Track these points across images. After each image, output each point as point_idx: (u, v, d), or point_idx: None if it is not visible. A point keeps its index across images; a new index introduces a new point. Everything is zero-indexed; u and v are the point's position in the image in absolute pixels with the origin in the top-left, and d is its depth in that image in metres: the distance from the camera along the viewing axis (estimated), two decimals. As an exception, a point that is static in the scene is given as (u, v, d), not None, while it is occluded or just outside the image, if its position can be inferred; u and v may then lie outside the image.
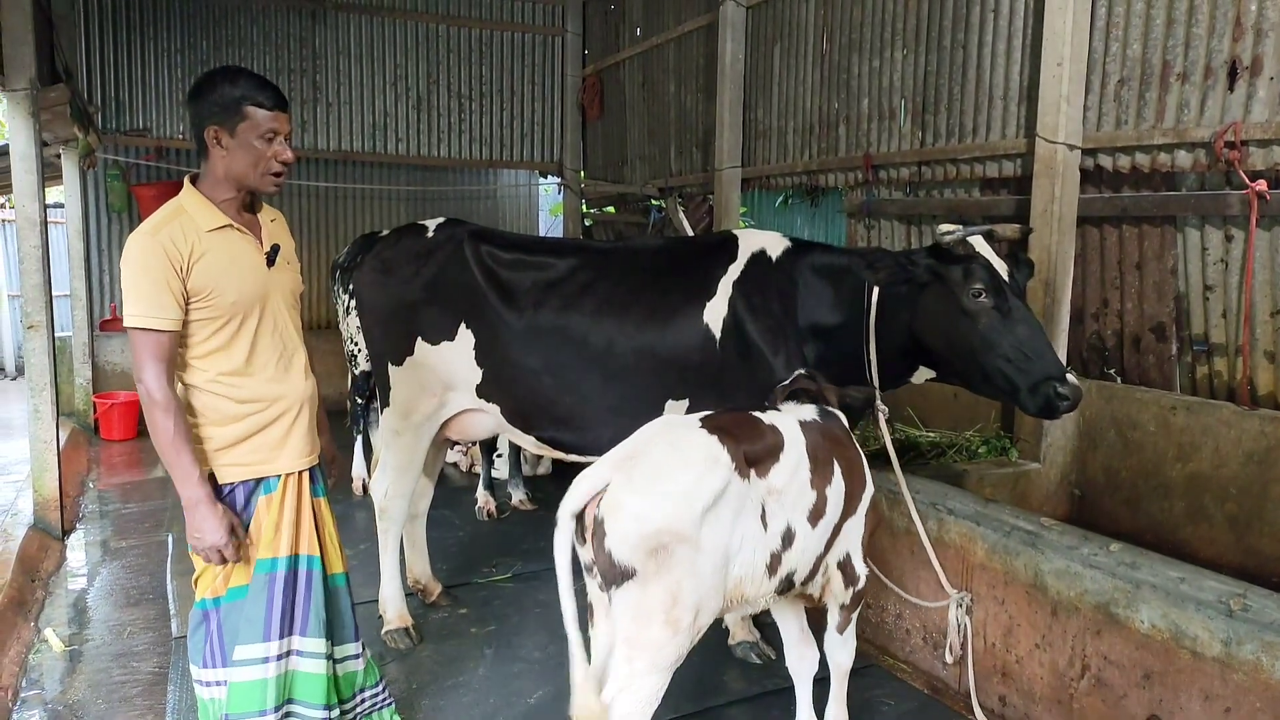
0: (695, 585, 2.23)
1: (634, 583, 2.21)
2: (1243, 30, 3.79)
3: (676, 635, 2.24)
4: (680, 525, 2.20)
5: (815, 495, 2.57)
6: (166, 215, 2.31)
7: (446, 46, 9.51)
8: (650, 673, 2.26)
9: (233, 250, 2.35)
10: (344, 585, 2.63)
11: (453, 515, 5.69)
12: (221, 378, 2.36)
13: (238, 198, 2.40)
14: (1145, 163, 4.20)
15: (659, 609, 2.21)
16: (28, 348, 5.16)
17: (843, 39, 6.05)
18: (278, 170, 2.37)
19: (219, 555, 2.30)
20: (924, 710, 3.43)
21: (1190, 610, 2.65)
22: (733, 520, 2.33)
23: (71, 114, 6.01)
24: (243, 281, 2.34)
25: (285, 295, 2.49)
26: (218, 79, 2.32)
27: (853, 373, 3.38)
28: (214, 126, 2.30)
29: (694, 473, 2.27)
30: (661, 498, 2.21)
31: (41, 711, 3.39)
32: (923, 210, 5.56)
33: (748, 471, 2.40)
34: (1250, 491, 3.91)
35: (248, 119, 2.29)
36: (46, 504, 5.24)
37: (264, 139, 2.32)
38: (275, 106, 2.34)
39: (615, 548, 2.20)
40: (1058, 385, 2.96)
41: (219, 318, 2.32)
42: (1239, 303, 4.00)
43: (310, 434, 2.53)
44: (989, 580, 3.34)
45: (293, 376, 2.47)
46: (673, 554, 2.19)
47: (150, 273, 2.22)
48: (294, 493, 2.45)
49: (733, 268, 3.51)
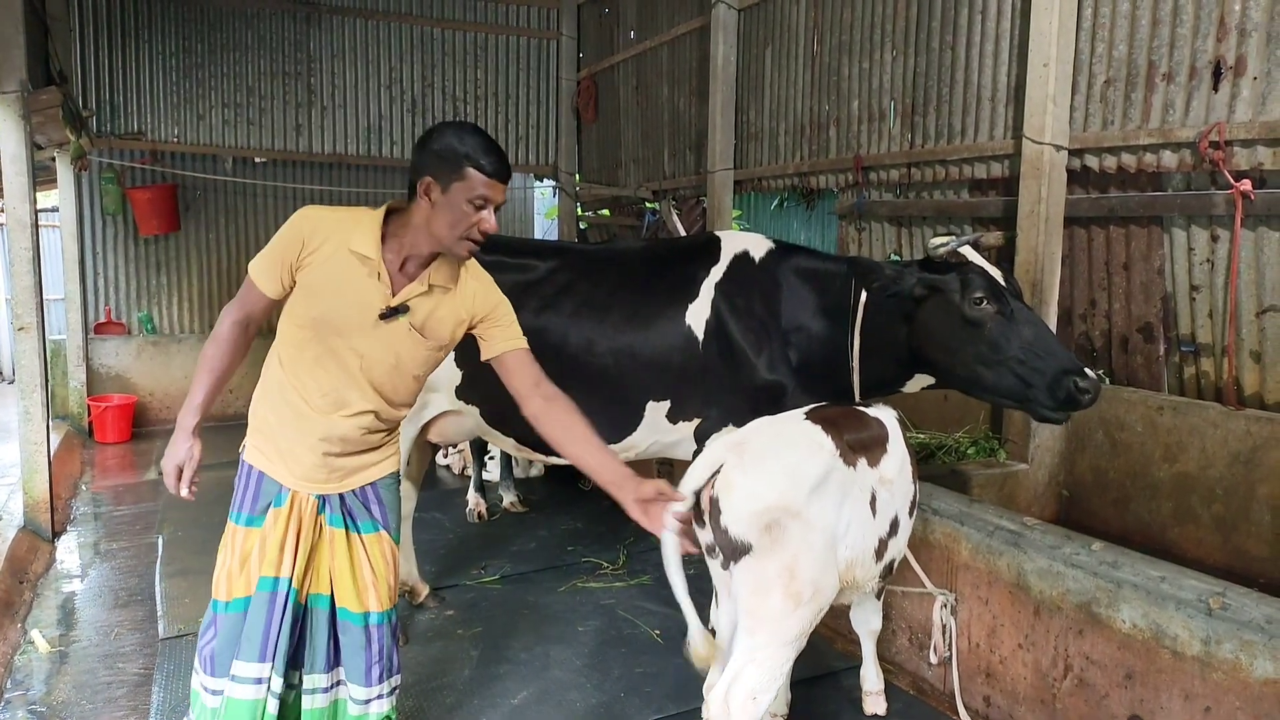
0: (810, 559, 2.39)
1: (751, 557, 2.37)
2: (1227, 30, 3.79)
3: (798, 608, 2.39)
4: (790, 501, 2.38)
5: (914, 489, 2.82)
6: (341, 212, 2.33)
7: (441, 50, 9.53)
8: (773, 645, 2.41)
9: (353, 281, 2.27)
10: (359, 624, 2.43)
11: (443, 517, 5.69)
12: (281, 369, 2.38)
13: (413, 247, 2.28)
14: (1131, 163, 4.20)
15: (777, 581, 2.38)
16: (18, 350, 5.16)
17: (833, 41, 6.06)
18: (476, 239, 2.26)
19: (166, 479, 2.35)
20: (909, 710, 3.43)
21: (1171, 609, 2.64)
22: (839, 503, 2.50)
23: (64, 117, 6.03)
24: (337, 311, 2.27)
25: (386, 354, 2.33)
26: (449, 132, 2.23)
27: (836, 377, 3.39)
28: (430, 178, 2.20)
29: (799, 455, 2.47)
30: (771, 476, 2.40)
31: (25, 712, 3.38)
32: (912, 212, 5.56)
33: (854, 459, 2.58)
34: (1237, 492, 3.91)
35: (465, 179, 2.19)
36: (37, 506, 5.23)
37: (474, 204, 2.21)
38: (495, 175, 2.21)
39: (732, 525, 2.38)
40: (1077, 379, 2.95)
41: (301, 319, 2.32)
42: (1225, 303, 4.00)
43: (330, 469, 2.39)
44: (973, 580, 3.34)
45: (334, 418, 2.34)
46: (786, 529, 2.36)
47: (281, 240, 2.28)
48: (298, 514, 2.38)
49: (715, 269, 3.51)
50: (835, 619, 4.04)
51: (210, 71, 8.66)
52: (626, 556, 4.96)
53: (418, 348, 2.38)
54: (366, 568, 2.45)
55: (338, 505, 2.42)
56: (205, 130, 8.73)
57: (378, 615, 2.46)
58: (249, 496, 2.40)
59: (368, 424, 2.40)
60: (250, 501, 2.40)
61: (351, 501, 2.44)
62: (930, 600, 3.43)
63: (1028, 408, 3.14)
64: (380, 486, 2.50)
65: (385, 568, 2.48)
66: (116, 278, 8.73)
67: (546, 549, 5.15)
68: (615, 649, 3.89)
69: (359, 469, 2.45)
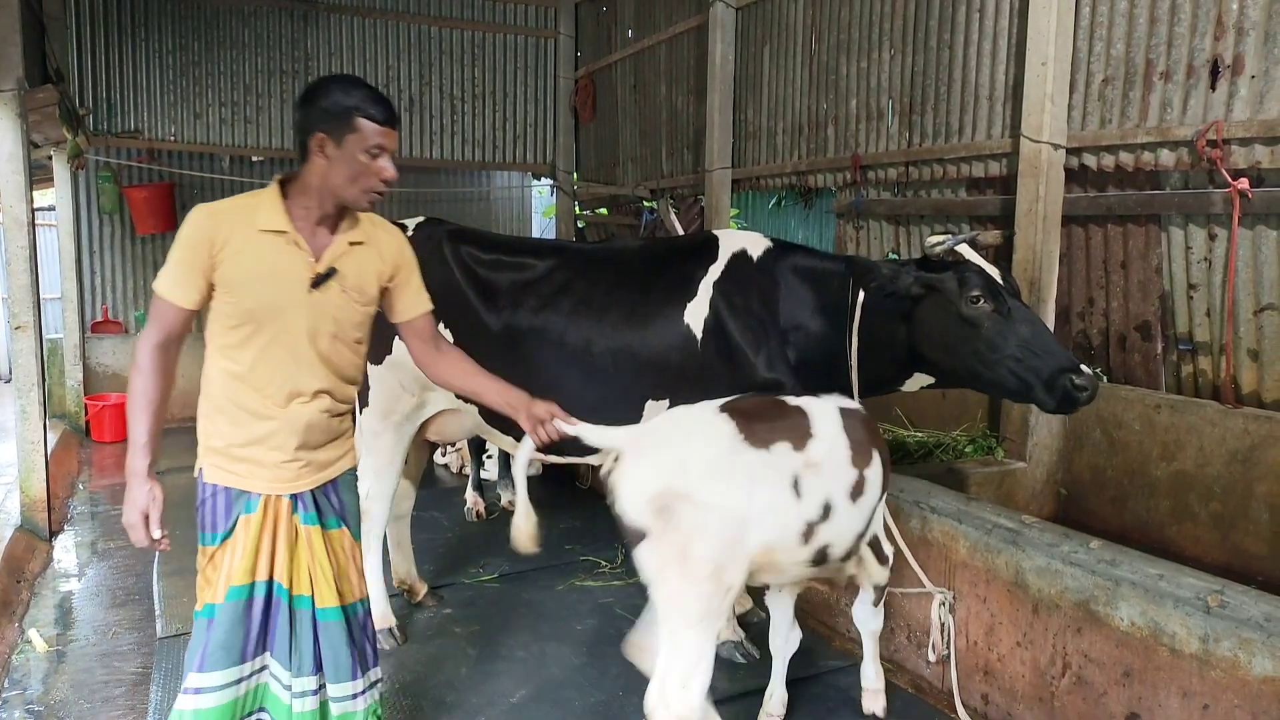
0: (704, 540, 2.43)
1: (647, 542, 2.46)
2: (1224, 29, 3.79)
3: (695, 586, 2.44)
4: (677, 485, 2.44)
5: (856, 474, 2.77)
6: (234, 201, 2.30)
7: (439, 48, 9.52)
8: (682, 628, 2.46)
9: (274, 258, 2.25)
10: (338, 620, 2.42)
11: (441, 516, 5.69)
12: (227, 375, 2.32)
13: (319, 209, 2.30)
14: (1129, 162, 4.20)
15: (673, 562, 2.44)
16: (15, 349, 5.16)
17: (831, 39, 6.06)
18: (378, 188, 2.28)
19: (131, 532, 2.25)
20: (907, 709, 3.42)
21: (1169, 607, 2.65)
22: (746, 487, 2.52)
23: (61, 115, 6.01)
24: (269, 292, 2.24)
25: (325, 322, 2.32)
26: (333, 86, 2.24)
27: (834, 376, 3.39)
28: (321, 134, 2.22)
29: (693, 442, 2.54)
30: (660, 463, 2.49)
31: (23, 711, 3.38)
32: (910, 210, 5.56)
33: (767, 443, 2.59)
34: (1234, 490, 3.91)
35: (357, 131, 2.20)
36: (34, 505, 5.23)
37: (369, 154, 2.23)
38: (386, 122, 2.23)
39: (627, 510, 2.48)
40: (1074, 377, 2.94)
41: (234, 317, 2.27)
42: (1222, 301, 4.00)
43: (300, 462, 2.36)
44: (971, 578, 3.34)
45: (293, 405, 2.31)
46: (676, 512, 2.43)
47: (187, 246, 2.23)
48: (272, 517, 2.34)
49: (713, 268, 3.50)
50: (832, 617, 4.05)
51: (207, 70, 8.65)
52: (624, 555, 4.95)
53: (352, 308, 2.38)
54: (339, 562, 2.45)
55: (310, 503, 2.40)
56: (202, 129, 8.71)
57: (353, 606, 2.48)
58: (217, 516, 2.33)
59: (327, 406, 2.38)
60: (221, 520, 2.33)
61: (320, 498, 2.43)
62: (928, 598, 3.43)
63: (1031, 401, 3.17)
64: (340, 484, 2.49)
65: (347, 560, 2.48)
66: (113, 277, 8.71)
67: (544, 548, 5.05)
68: (613, 647, 3.88)
69: (328, 464, 2.44)
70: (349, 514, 2.52)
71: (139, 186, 8.43)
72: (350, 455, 2.55)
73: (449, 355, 2.64)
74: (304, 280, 2.28)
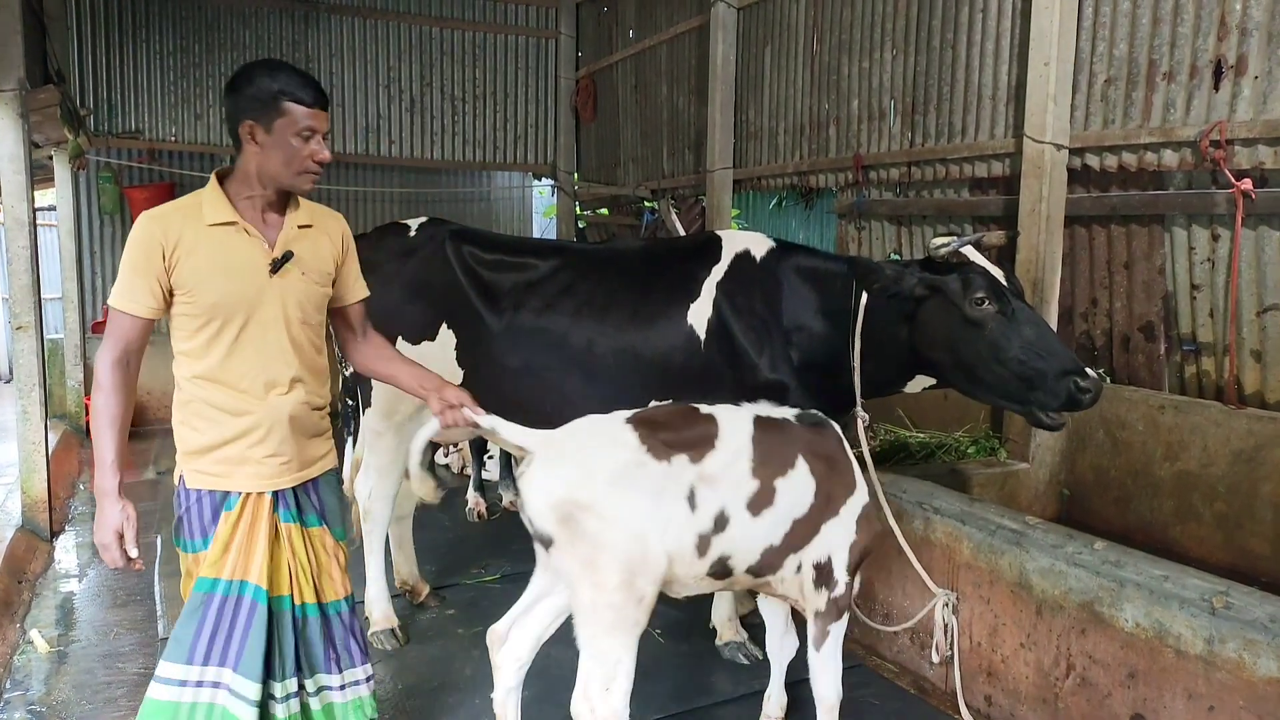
0: (609, 552, 2.42)
1: (556, 549, 2.48)
2: (1227, 29, 3.79)
3: (605, 595, 2.42)
4: (578, 495, 2.44)
5: (758, 484, 2.63)
6: (176, 203, 2.29)
7: (440, 49, 9.52)
8: (601, 636, 2.45)
9: (229, 250, 2.24)
10: (315, 616, 2.42)
11: (443, 516, 5.68)
12: (197, 379, 2.29)
13: (262, 196, 2.29)
14: (1132, 162, 4.20)
15: (582, 574, 2.44)
16: (16, 349, 5.15)
17: (833, 40, 6.06)
18: (314, 169, 2.28)
19: (105, 553, 2.22)
20: (910, 709, 3.42)
21: (1174, 608, 2.64)
22: (652, 498, 2.49)
23: (61, 116, 6.01)
24: (230, 284, 2.23)
25: (289, 307, 2.31)
26: (257, 72, 2.22)
27: (837, 377, 3.38)
28: (250, 121, 2.20)
29: (596, 452, 2.52)
30: (562, 472, 2.48)
31: (25, 712, 3.37)
32: (912, 211, 5.56)
33: (670, 455, 2.54)
34: (1239, 490, 3.91)
35: (285, 115, 2.20)
36: (35, 505, 5.22)
37: (301, 137, 2.22)
38: (315, 104, 2.23)
39: (533, 517, 2.50)
40: (1078, 379, 2.93)
41: (198, 317, 2.25)
42: (1226, 302, 4.00)
43: (283, 457, 2.34)
44: (974, 579, 3.33)
45: (271, 397, 2.30)
46: (579, 522, 2.43)
47: (135, 256, 2.21)
48: (250, 514, 2.31)
49: (716, 268, 3.50)
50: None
51: (208, 70, 8.65)
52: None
53: (312, 290, 2.38)
54: (319, 559, 2.45)
55: (291, 500, 2.39)
56: (203, 129, 8.71)
57: (334, 604, 2.47)
58: (204, 522, 2.31)
59: (304, 397, 2.38)
60: (208, 525, 2.31)
61: (301, 496, 2.43)
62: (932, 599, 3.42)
63: (1026, 411, 3.11)
64: (321, 483, 2.49)
65: (328, 559, 2.47)
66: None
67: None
68: (616, 648, 3.88)
69: (310, 461, 2.44)
70: (329, 513, 2.51)
71: (140, 187, 8.43)
72: (332, 455, 2.55)
73: (371, 341, 2.66)
74: (262, 267, 2.28)
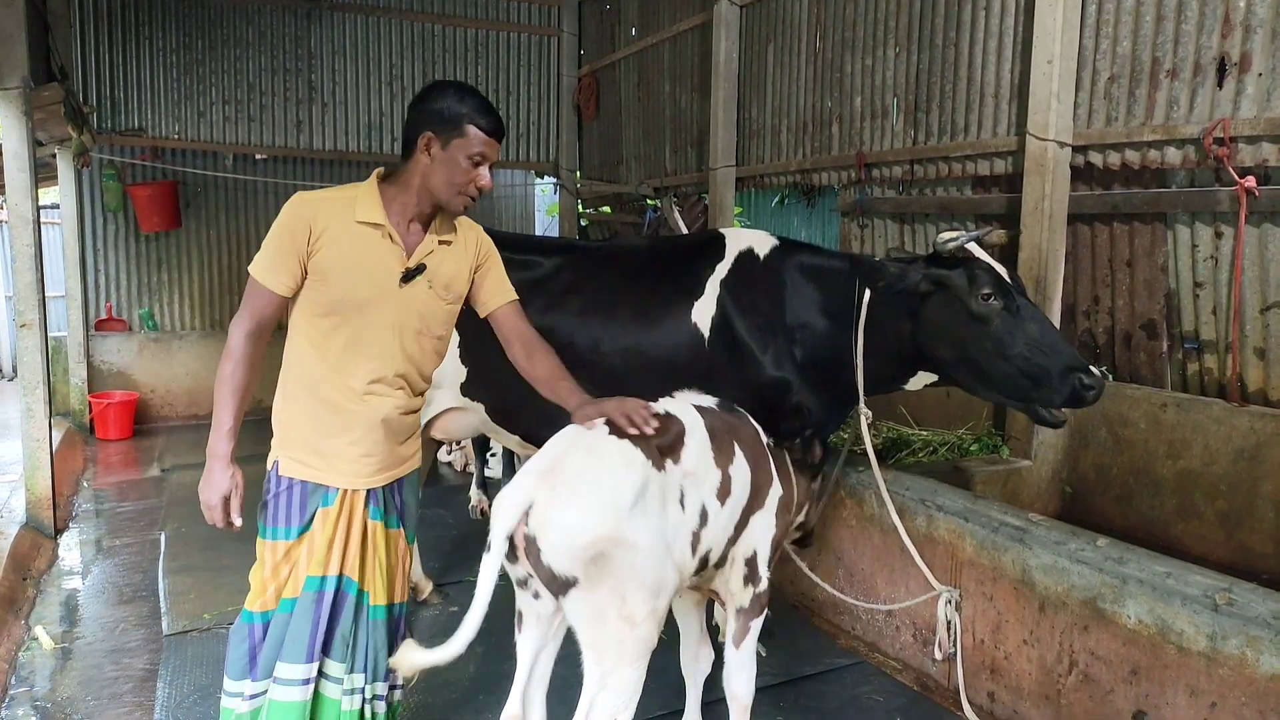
0: (638, 582, 2.27)
1: (579, 590, 2.23)
2: (1231, 27, 3.79)
3: (635, 628, 2.27)
4: (612, 530, 2.22)
5: (720, 474, 2.61)
6: (331, 192, 2.34)
7: (442, 46, 9.52)
8: (621, 667, 2.29)
9: (369, 250, 2.29)
10: (384, 619, 2.46)
11: (446, 514, 5.70)
12: (307, 369, 2.34)
13: (415, 206, 2.34)
14: (1135, 159, 4.20)
15: (610, 609, 2.25)
16: (20, 346, 5.16)
17: (835, 37, 6.05)
18: (473, 194, 2.34)
19: (209, 512, 2.28)
20: (913, 707, 3.43)
21: (1176, 605, 2.65)
22: (660, 512, 2.37)
23: (65, 113, 6.01)
24: (359, 283, 2.28)
25: (410, 316, 2.36)
26: (448, 91, 2.30)
27: (840, 374, 3.38)
28: (430, 133, 2.27)
29: (613, 476, 2.30)
30: (588, 506, 2.23)
31: (30, 708, 3.39)
32: (915, 208, 5.56)
33: (663, 462, 2.44)
34: (1240, 488, 3.91)
35: (464, 136, 2.27)
36: (39, 502, 5.24)
37: (471, 160, 2.28)
38: (493, 133, 2.30)
39: (554, 562, 2.20)
40: (1082, 376, 2.94)
41: (321, 305, 2.30)
42: (1228, 299, 4.00)
43: (377, 459, 2.39)
44: (977, 576, 3.34)
45: (370, 400, 2.35)
46: (612, 558, 2.22)
47: (285, 232, 2.25)
48: (348, 510, 2.37)
49: (720, 266, 3.50)
50: (837, 615, 4.05)
51: (211, 68, 8.66)
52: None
53: (438, 305, 2.42)
54: (393, 561, 2.49)
55: (380, 498, 2.44)
56: (206, 127, 8.72)
57: (401, 606, 2.54)
58: (292, 510, 2.35)
59: (403, 402, 2.43)
60: (296, 514, 2.35)
61: (387, 496, 2.47)
62: (934, 597, 3.43)
63: (1028, 407, 3.11)
64: (406, 483, 2.54)
65: (398, 562, 2.53)
66: (117, 274, 8.72)
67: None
68: (619, 645, 3.89)
69: (401, 460, 2.49)
70: (408, 516, 2.56)
71: (143, 184, 8.43)
72: (418, 454, 2.60)
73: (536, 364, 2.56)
74: (395, 274, 2.32)
